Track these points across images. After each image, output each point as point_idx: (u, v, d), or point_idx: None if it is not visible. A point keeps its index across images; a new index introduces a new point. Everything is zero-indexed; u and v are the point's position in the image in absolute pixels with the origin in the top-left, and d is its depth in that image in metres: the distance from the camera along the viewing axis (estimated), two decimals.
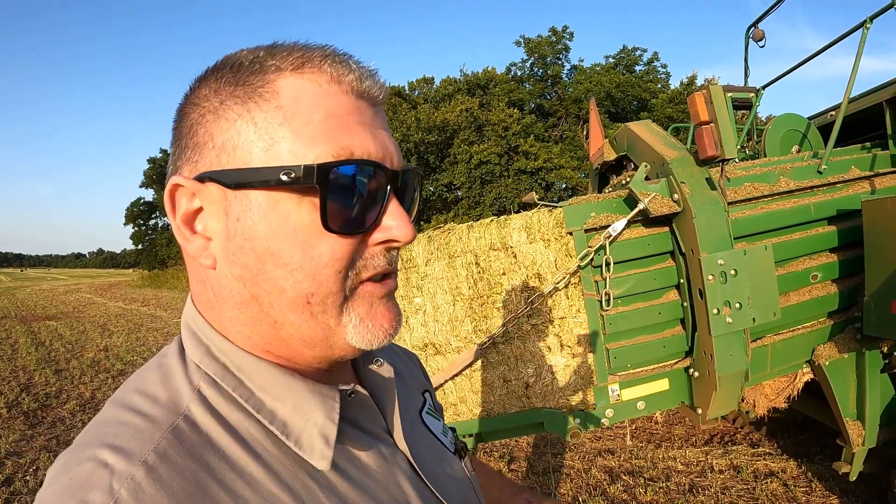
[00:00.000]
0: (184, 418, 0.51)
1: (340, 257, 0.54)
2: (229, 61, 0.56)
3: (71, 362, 9.31)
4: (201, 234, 0.56)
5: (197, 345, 0.58)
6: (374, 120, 0.58)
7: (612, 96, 29.20)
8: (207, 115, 0.55)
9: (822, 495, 3.61)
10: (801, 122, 3.78)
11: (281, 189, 0.52)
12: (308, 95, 0.54)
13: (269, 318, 0.55)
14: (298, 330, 0.56)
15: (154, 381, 0.56)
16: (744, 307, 2.30)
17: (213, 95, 0.55)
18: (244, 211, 0.53)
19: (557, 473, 4.22)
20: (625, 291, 2.51)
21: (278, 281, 0.54)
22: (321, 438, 0.56)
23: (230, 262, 0.55)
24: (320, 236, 0.53)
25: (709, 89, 2.26)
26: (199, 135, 0.55)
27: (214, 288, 0.57)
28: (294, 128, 0.52)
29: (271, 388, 0.56)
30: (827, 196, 2.85)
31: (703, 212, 2.31)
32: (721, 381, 2.34)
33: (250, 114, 0.53)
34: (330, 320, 0.56)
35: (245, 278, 0.55)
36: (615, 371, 2.55)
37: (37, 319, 16.64)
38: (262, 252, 0.53)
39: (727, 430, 4.91)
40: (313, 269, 0.53)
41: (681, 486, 3.87)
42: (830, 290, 2.81)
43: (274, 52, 0.55)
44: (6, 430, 5.77)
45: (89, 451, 0.48)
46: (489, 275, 2.53)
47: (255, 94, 0.53)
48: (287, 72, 0.54)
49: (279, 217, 0.53)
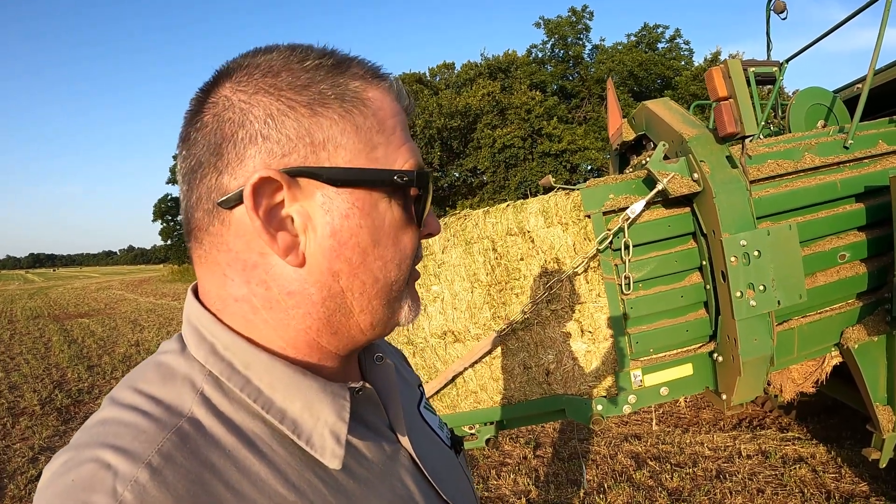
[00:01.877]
0: (188, 419, 0.51)
1: (414, 247, 0.63)
2: (307, 57, 0.57)
3: (103, 358, 9.54)
4: (288, 231, 0.55)
5: (201, 342, 0.57)
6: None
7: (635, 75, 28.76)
8: (298, 107, 0.55)
9: (852, 482, 3.55)
10: (826, 95, 3.66)
11: (381, 189, 0.58)
12: (387, 106, 0.60)
13: (348, 309, 0.59)
14: (376, 315, 0.61)
15: (155, 380, 0.55)
16: (768, 289, 2.23)
17: (300, 91, 0.55)
18: (351, 209, 0.56)
19: (584, 459, 4.20)
20: (646, 275, 2.46)
21: (374, 271, 0.59)
22: (332, 437, 0.56)
23: (333, 259, 0.56)
24: (404, 230, 0.61)
25: (727, 63, 2.19)
26: (286, 127, 0.54)
27: (287, 285, 0.57)
28: (386, 136, 0.59)
29: (281, 387, 0.56)
30: (854, 172, 2.75)
31: (723, 191, 2.24)
32: (745, 367, 2.28)
33: (352, 116, 0.57)
34: (396, 303, 0.63)
35: (344, 272, 0.57)
36: (637, 356, 2.50)
37: (69, 317, 17.05)
38: (367, 246, 0.57)
39: (756, 414, 4.83)
40: (400, 259, 0.61)
41: (708, 471, 3.83)
42: (859, 270, 2.72)
43: (344, 61, 0.59)
44: (40, 427, 5.94)
45: (90, 452, 0.47)
46: (507, 260, 2.50)
47: (356, 100, 0.57)
48: (370, 80, 0.59)
49: (379, 214, 0.58)
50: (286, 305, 0.57)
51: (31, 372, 8.75)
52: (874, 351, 2.70)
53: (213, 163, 0.55)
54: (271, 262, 0.56)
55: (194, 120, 0.57)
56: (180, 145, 0.59)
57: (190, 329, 0.59)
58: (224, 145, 0.55)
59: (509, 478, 3.99)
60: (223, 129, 0.55)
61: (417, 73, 30.54)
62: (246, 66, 0.57)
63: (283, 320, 0.57)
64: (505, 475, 4.04)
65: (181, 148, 0.59)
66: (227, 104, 0.55)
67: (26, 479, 4.64)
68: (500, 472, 4.11)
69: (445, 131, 26.56)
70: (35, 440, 5.52)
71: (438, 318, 2.55)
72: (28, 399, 7.07)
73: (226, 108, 0.55)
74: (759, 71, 4.42)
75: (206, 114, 0.56)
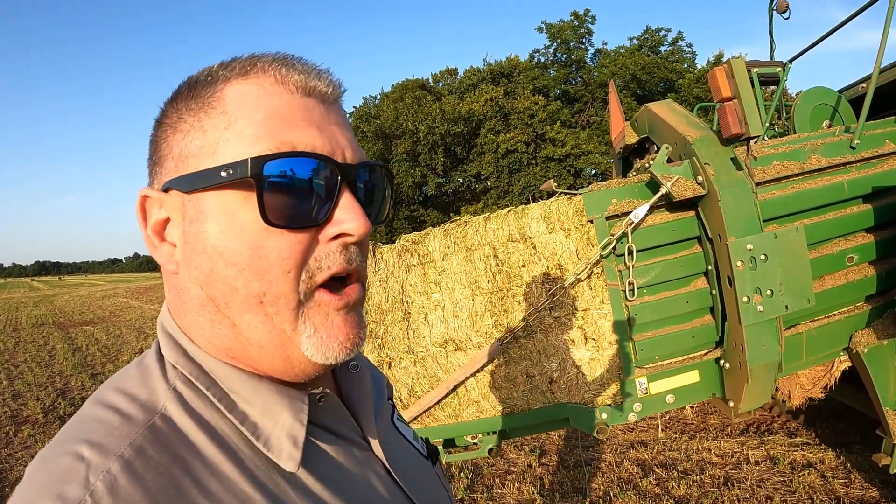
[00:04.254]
0: (160, 416, 0.53)
1: (288, 256, 0.54)
2: (189, 80, 0.60)
3: (107, 366, 9.54)
4: (168, 242, 0.58)
5: (173, 346, 0.59)
6: (326, 116, 0.59)
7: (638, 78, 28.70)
8: (167, 130, 0.58)
9: (862, 487, 3.50)
10: (831, 95, 3.62)
11: (226, 188, 0.54)
12: (251, 98, 0.56)
13: (226, 320, 0.57)
14: (255, 333, 0.56)
15: (133, 379, 0.57)
16: (775, 294, 2.19)
17: (172, 112, 0.59)
18: (197, 213, 0.55)
19: (589, 467, 4.14)
20: (650, 280, 2.42)
21: (230, 280, 0.54)
22: (289, 440, 0.56)
23: (188, 266, 0.56)
24: (267, 235, 0.54)
25: (730, 63, 2.15)
26: (161, 149, 0.59)
27: (180, 294, 0.59)
28: (237, 130, 0.55)
29: (240, 391, 0.57)
30: (861, 173, 2.71)
31: (729, 194, 2.20)
32: (753, 373, 2.24)
33: (200, 122, 0.56)
34: (285, 325, 0.56)
35: (201, 280, 0.56)
36: (642, 363, 2.46)
37: (74, 325, 17.11)
38: (213, 252, 0.54)
39: (763, 420, 4.78)
40: (262, 268, 0.54)
41: (715, 478, 3.78)
42: (867, 272, 2.68)
43: (226, 64, 0.59)
44: (42, 435, 5.93)
45: (67, 447, 0.49)
46: (508, 267, 2.46)
47: (205, 104, 0.57)
48: (234, 79, 0.57)
49: (227, 217, 0.54)
50: (184, 312, 0.59)
51: (35, 380, 8.75)
52: (884, 355, 2.65)
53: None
54: (169, 273, 0.60)
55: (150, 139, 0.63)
56: None
57: (163, 334, 0.61)
58: (148, 168, 0.63)
59: (514, 486, 3.94)
60: (149, 154, 0.63)
61: (420, 78, 30.58)
62: (171, 94, 0.61)
63: (187, 327, 0.60)
64: (510, 484, 3.99)
65: None
66: (151, 137, 0.62)
67: None
68: (504, 481, 4.06)
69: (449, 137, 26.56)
70: (37, 449, 5.48)
71: (439, 326, 2.51)
72: (31, 407, 7.06)
73: (150, 140, 0.62)
74: (762, 71, 4.38)
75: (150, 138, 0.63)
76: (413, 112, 26.62)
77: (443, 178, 28.63)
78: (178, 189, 0.56)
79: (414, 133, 26.49)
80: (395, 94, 29.19)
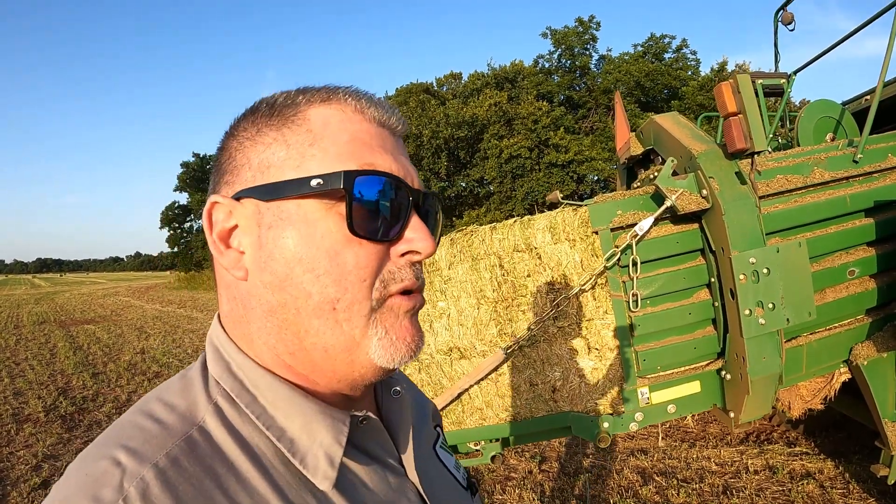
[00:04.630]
0: (198, 429, 0.54)
1: (365, 265, 0.57)
2: (265, 101, 0.63)
3: (108, 365, 9.54)
4: (235, 248, 0.60)
5: (218, 360, 0.61)
6: (396, 147, 0.64)
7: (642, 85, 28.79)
8: (245, 142, 0.61)
9: (860, 498, 3.52)
10: (834, 108, 3.64)
11: (310, 197, 0.57)
12: (335, 121, 0.60)
13: (294, 326, 0.58)
14: (322, 338, 0.57)
15: (175, 391, 0.59)
16: (777, 307, 2.21)
17: (250, 126, 0.61)
18: (276, 220, 0.57)
19: (589, 474, 4.16)
20: (653, 291, 2.44)
21: (305, 285, 0.56)
22: (326, 459, 0.57)
23: (261, 270, 0.58)
24: (346, 244, 0.56)
25: (736, 78, 2.18)
26: (237, 160, 0.61)
27: (244, 300, 0.60)
28: (322, 147, 0.58)
29: (282, 406, 0.58)
30: (863, 187, 2.72)
31: (733, 208, 2.23)
32: (753, 385, 2.26)
33: (284, 137, 0.59)
34: (355, 331, 0.57)
35: (274, 285, 0.57)
36: (644, 374, 2.48)
37: (75, 324, 17.09)
38: (291, 258, 0.56)
39: (763, 429, 4.80)
40: (339, 275, 0.56)
41: (714, 487, 3.79)
42: (868, 285, 2.70)
43: (304, 91, 0.62)
44: (44, 434, 5.93)
45: (105, 451, 0.51)
46: (513, 277, 2.48)
47: (289, 121, 0.60)
48: (316, 103, 0.61)
49: (307, 225, 0.56)
50: (248, 320, 0.60)
51: (37, 378, 8.76)
52: (884, 367, 2.67)
53: (209, 194, 0.63)
54: (236, 279, 0.61)
55: (217, 150, 0.66)
56: None
57: (210, 347, 0.63)
58: (211, 182, 0.65)
59: (514, 492, 3.96)
60: (213, 169, 0.65)
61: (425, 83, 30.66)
62: (244, 112, 0.65)
63: (250, 335, 0.60)
64: (510, 490, 4.01)
65: None
66: (220, 148, 0.64)
67: (29, 486, 4.61)
68: (505, 487, 4.08)
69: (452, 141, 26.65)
70: (39, 447, 5.51)
71: (444, 334, 2.53)
72: (32, 406, 7.06)
73: (218, 151, 0.64)
74: (766, 83, 4.40)
75: (219, 149, 0.65)
76: (417, 116, 26.69)
77: (446, 183, 28.68)
78: (255, 197, 0.58)
79: (418, 137, 26.55)
80: (400, 98, 29.29)
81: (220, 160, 0.63)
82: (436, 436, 0.84)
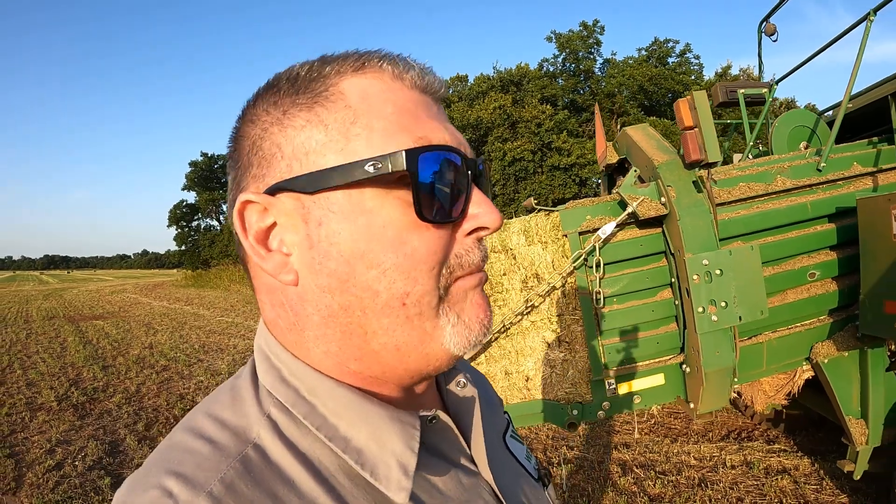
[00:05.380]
0: (253, 447, 0.49)
1: (436, 251, 0.51)
2: (284, 75, 0.55)
3: (117, 359, 9.77)
4: (278, 250, 0.53)
5: (269, 369, 0.55)
6: (441, 114, 0.57)
7: (646, 90, 28.88)
8: (271, 127, 0.53)
9: (832, 494, 3.63)
10: (809, 117, 3.80)
11: (365, 185, 0.50)
12: (375, 92, 0.52)
13: (360, 329, 0.52)
14: (393, 336, 0.52)
15: (225, 404, 0.54)
16: (730, 306, 2.39)
17: (273, 108, 0.53)
18: (326, 214, 0.50)
19: (571, 465, 4.34)
20: (619, 290, 2.63)
21: (371, 284, 0.50)
22: (399, 468, 0.51)
23: (315, 273, 0.51)
24: (412, 230, 0.50)
25: (692, 95, 2.36)
26: (263, 149, 0.53)
27: (296, 306, 0.54)
28: (367, 123, 0.51)
29: (346, 414, 0.52)
30: (826, 194, 2.88)
31: (687, 214, 2.42)
32: (707, 377, 2.44)
33: (319, 117, 0.51)
34: (426, 323, 0.52)
35: (333, 287, 0.51)
36: (610, 366, 2.67)
37: (84, 319, 17.32)
38: (351, 255, 0.50)
39: (745, 427, 4.93)
40: (409, 267, 0.50)
41: (691, 480, 3.95)
42: (830, 287, 2.85)
43: (329, 60, 0.54)
44: (56, 421, 6.17)
45: (154, 478, 0.46)
46: (491, 275, 2.68)
47: (320, 98, 0.52)
48: (349, 74, 0.53)
49: (366, 215, 0.50)
50: (301, 327, 0.54)
51: (48, 370, 8.99)
52: (846, 366, 2.83)
53: (233, 190, 0.57)
54: (284, 284, 0.54)
55: (232, 139, 0.58)
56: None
57: (260, 355, 0.58)
58: (231, 179, 0.57)
59: None
60: (231, 162, 0.58)
61: None
62: (259, 91, 0.57)
63: (305, 343, 0.54)
64: None
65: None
66: (236, 137, 0.57)
67: (44, 468, 4.85)
68: None
69: None
70: (52, 433, 5.75)
71: None
72: (45, 395, 7.28)
73: (234, 141, 0.57)
74: (748, 92, 4.57)
75: (235, 138, 0.57)
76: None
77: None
78: (295, 190, 0.50)
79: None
80: None
81: (241, 152, 0.55)
82: (506, 423, 0.78)
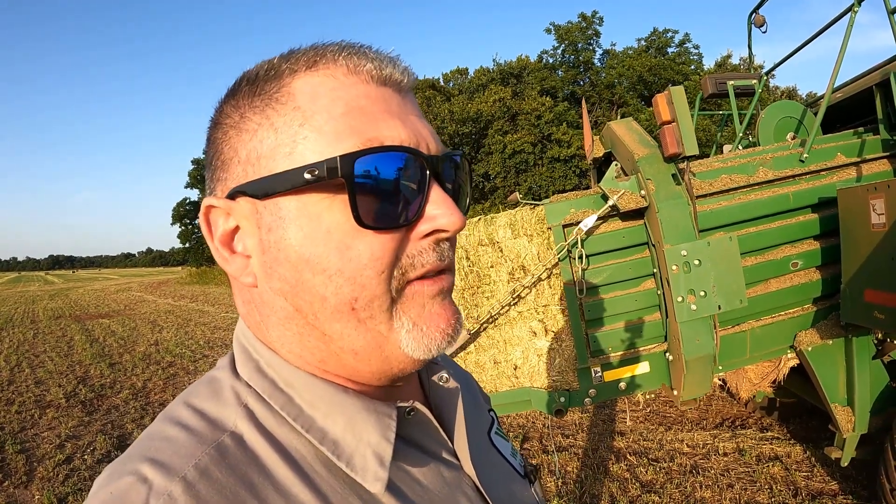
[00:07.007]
0: (230, 434, 0.50)
1: (381, 256, 0.50)
2: (246, 75, 0.55)
3: (124, 356, 9.93)
4: (241, 253, 0.54)
5: (247, 361, 0.56)
6: (403, 106, 0.55)
7: (645, 80, 28.81)
8: (230, 131, 0.53)
9: (822, 480, 3.69)
10: (796, 108, 3.82)
11: (309, 191, 0.49)
12: (325, 91, 0.51)
13: (316, 332, 0.52)
14: (348, 341, 0.52)
15: (203, 395, 0.54)
16: (709, 295, 2.46)
17: (233, 111, 0.53)
18: (275, 220, 0.50)
19: (566, 452, 4.42)
20: (602, 280, 2.70)
21: (318, 289, 0.50)
22: (375, 459, 0.52)
23: (269, 277, 0.52)
24: (356, 236, 0.49)
25: (670, 91, 2.42)
26: (224, 152, 0.53)
27: (259, 307, 0.55)
28: (315, 126, 0.50)
29: (322, 406, 0.53)
30: (810, 184, 2.92)
31: (666, 206, 2.48)
32: (688, 365, 2.51)
33: (269, 120, 0.51)
34: (380, 326, 0.51)
35: (285, 291, 0.52)
36: (596, 354, 2.75)
37: (90, 318, 17.52)
38: (298, 260, 0.50)
39: (739, 415, 5.00)
40: (353, 272, 0.49)
41: (683, 466, 4.03)
42: (813, 277, 2.89)
43: (288, 57, 0.53)
44: (65, 417, 6.31)
45: (131, 465, 0.47)
46: (479, 268, 2.76)
47: (272, 101, 0.51)
48: (301, 72, 0.52)
49: (310, 221, 0.50)
50: (266, 326, 0.55)
51: (56, 368, 9.14)
52: (831, 354, 2.88)
53: (206, 192, 0.57)
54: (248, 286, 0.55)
55: (206, 142, 0.58)
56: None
57: (238, 347, 0.58)
58: (206, 180, 0.58)
59: None
60: (205, 163, 0.58)
61: (431, 78, 30.84)
62: (227, 92, 0.57)
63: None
64: None
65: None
66: (207, 139, 0.57)
67: (54, 462, 5.00)
68: None
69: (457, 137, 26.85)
70: (61, 429, 5.88)
71: None
72: (54, 393, 7.42)
73: (206, 143, 0.57)
74: (738, 84, 4.61)
75: (207, 140, 0.58)
76: (422, 112, 26.97)
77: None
78: (249, 195, 0.51)
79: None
80: None
81: (209, 155, 0.56)
82: (490, 421, 0.78)
